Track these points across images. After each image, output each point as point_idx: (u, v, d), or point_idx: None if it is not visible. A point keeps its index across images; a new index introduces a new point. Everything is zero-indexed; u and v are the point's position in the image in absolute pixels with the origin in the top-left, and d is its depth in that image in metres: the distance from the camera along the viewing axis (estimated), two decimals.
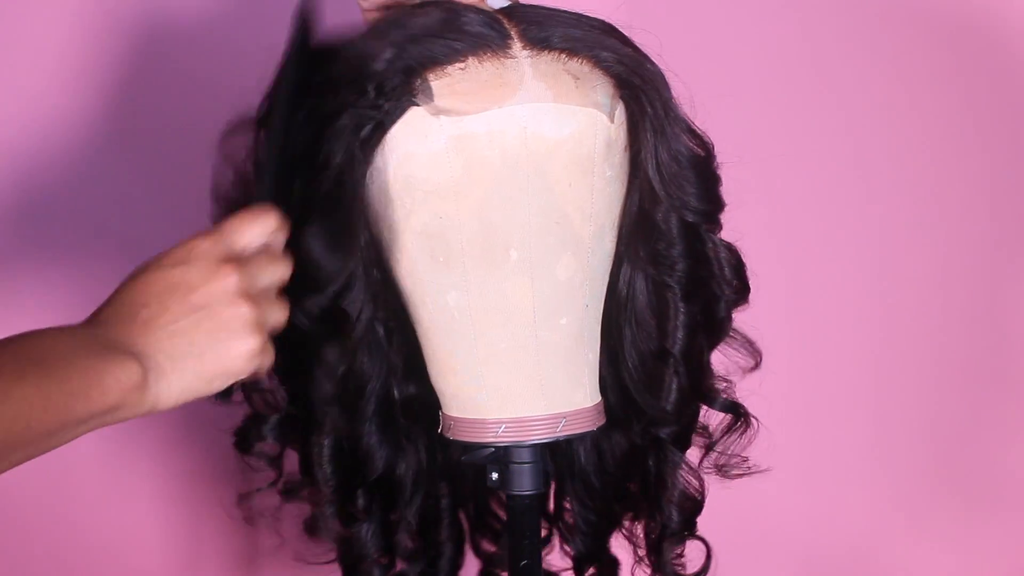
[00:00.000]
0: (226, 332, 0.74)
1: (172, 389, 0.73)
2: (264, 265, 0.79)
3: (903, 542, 1.42)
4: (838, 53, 1.35)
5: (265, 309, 0.78)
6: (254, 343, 0.76)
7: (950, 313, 1.38)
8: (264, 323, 0.77)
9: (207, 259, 0.75)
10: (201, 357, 0.74)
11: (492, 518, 1.15)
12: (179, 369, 0.73)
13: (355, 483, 1.00)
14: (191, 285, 0.74)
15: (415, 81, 0.86)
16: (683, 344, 0.96)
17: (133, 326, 0.72)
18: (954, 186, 1.37)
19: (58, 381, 0.67)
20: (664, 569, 1.04)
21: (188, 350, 0.73)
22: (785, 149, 1.34)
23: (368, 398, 0.97)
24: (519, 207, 0.87)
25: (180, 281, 0.74)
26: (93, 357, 0.69)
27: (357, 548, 1.03)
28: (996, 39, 1.34)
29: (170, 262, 0.75)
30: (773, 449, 1.04)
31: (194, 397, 0.75)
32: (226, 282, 0.75)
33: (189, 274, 0.74)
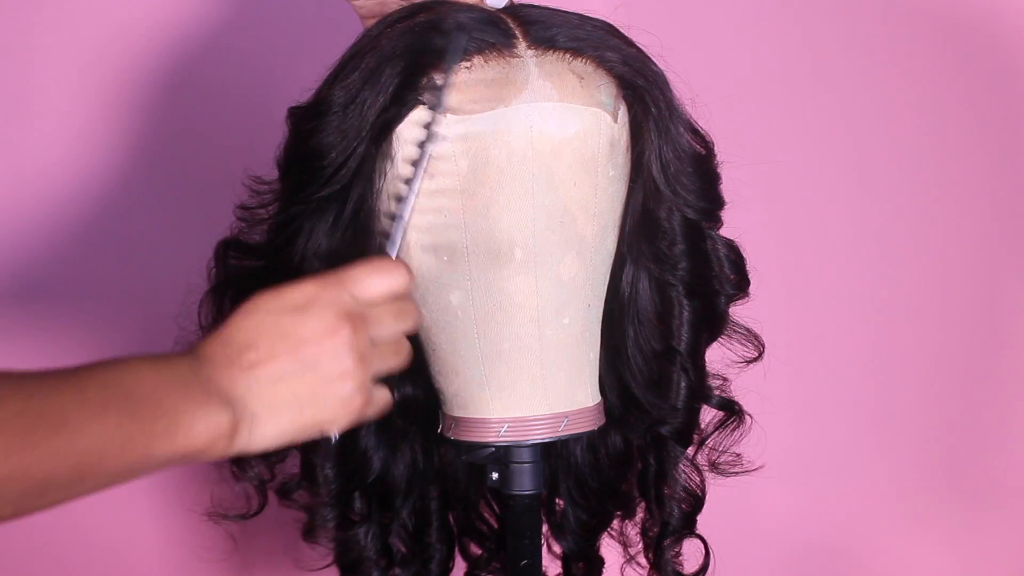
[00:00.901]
0: (329, 390, 0.72)
1: (265, 437, 0.71)
2: (385, 320, 0.76)
3: (901, 540, 1.42)
4: (837, 52, 1.36)
5: (376, 363, 0.75)
6: (356, 402, 0.73)
7: (949, 311, 1.40)
8: (368, 382, 0.74)
9: (325, 312, 0.71)
10: (300, 411, 0.71)
11: (479, 521, 1.15)
12: (274, 420, 0.70)
13: (352, 485, 0.99)
14: (303, 337, 0.70)
15: (421, 80, 0.86)
16: (689, 342, 0.97)
17: (235, 369, 0.69)
18: (953, 184, 1.38)
19: (142, 421, 0.64)
20: (664, 568, 1.04)
21: (288, 402, 0.70)
22: (784, 148, 1.35)
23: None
24: (524, 206, 0.87)
25: (293, 330, 0.70)
26: (185, 399, 0.66)
27: (356, 550, 1.03)
28: (996, 39, 1.35)
29: (286, 306, 0.71)
30: (771, 447, 1.05)
31: (286, 443, 0.72)
32: (338, 339, 0.71)
33: (304, 326, 0.71)
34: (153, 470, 0.66)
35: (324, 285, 0.73)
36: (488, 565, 1.15)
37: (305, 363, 0.70)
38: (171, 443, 0.65)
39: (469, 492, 1.11)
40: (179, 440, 0.65)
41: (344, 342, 0.71)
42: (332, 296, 0.72)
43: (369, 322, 0.74)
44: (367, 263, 0.75)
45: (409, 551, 1.09)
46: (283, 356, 0.70)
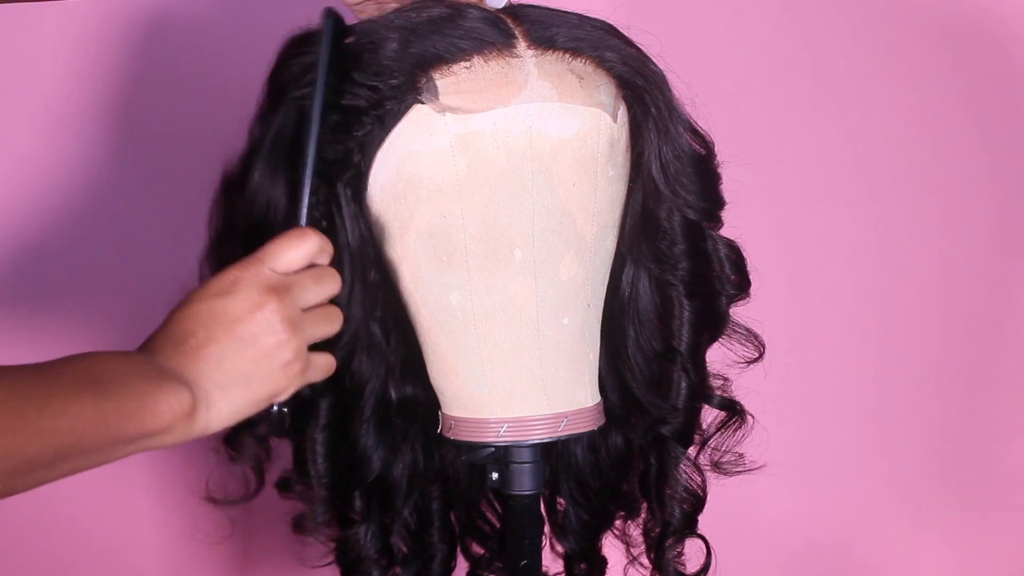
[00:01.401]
0: (269, 360, 0.78)
1: (222, 414, 0.76)
2: (307, 285, 0.81)
3: (902, 539, 1.42)
4: (837, 52, 1.35)
5: (309, 329, 0.81)
6: (296, 367, 0.79)
7: (950, 311, 1.39)
8: (304, 346, 0.80)
9: (248, 289, 0.78)
10: (248, 384, 0.77)
11: (481, 520, 1.15)
12: (228, 396, 0.76)
13: (352, 484, 1.00)
14: (235, 316, 0.77)
15: (420, 79, 0.86)
16: (689, 342, 0.97)
17: (183, 355, 0.75)
18: (953, 184, 1.38)
19: (113, 401, 0.70)
20: (665, 568, 1.04)
21: (235, 378, 0.76)
22: (785, 147, 1.34)
23: (367, 399, 0.97)
24: (523, 206, 0.87)
25: (224, 311, 0.77)
26: (148, 382, 0.72)
27: (355, 549, 1.03)
28: (995, 39, 1.35)
29: (214, 292, 0.78)
30: (772, 447, 1.05)
31: (242, 418, 0.78)
32: (267, 311, 0.77)
33: (233, 304, 0.77)
34: (125, 452, 0.71)
35: (244, 266, 0.79)
36: (490, 565, 1.15)
37: (242, 339, 0.76)
38: (140, 422, 0.71)
39: (471, 491, 1.11)
40: (147, 419, 0.71)
41: (273, 313, 0.77)
42: (253, 274, 0.78)
43: (293, 290, 0.80)
44: (279, 236, 0.81)
45: (411, 551, 1.09)
46: (221, 336, 0.76)
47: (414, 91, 0.86)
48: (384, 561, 1.05)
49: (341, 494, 1.00)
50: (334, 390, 0.94)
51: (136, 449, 0.72)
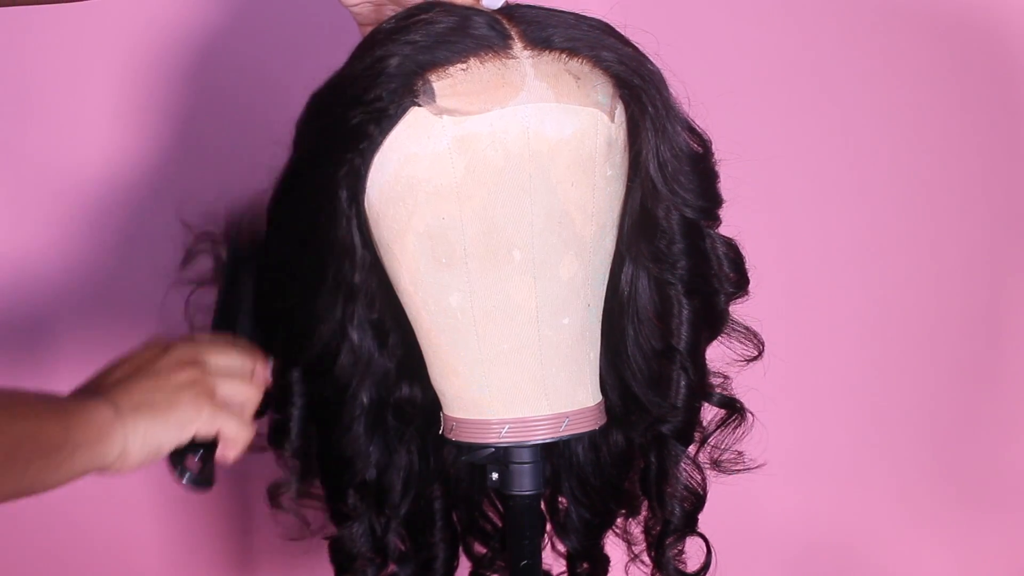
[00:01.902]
0: (172, 386, 0.87)
1: (138, 430, 0.83)
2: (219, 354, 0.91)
3: (902, 538, 1.42)
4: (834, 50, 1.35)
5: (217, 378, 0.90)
6: (200, 399, 0.88)
7: (949, 310, 1.39)
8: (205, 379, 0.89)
9: (162, 343, 0.90)
10: (154, 405, 0.85)
11: (483, 520, 1.15)
12: (139, 413, 0.84)
13: (344, 482, 1.00)
14: (145, 357, 0.88)
15: (417, 83, 0.86)
16: (688, 340, 0.97)
17: (100, 387, 0.86)
18: (952, 183, 1.38)
19: (54, 408, 0.80)
20: (666, 566, 1.04)
21: (143, 399, 0.85)
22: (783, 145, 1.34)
23: (351, 399, 0.97)
24: (522, 207, 0.87)
25: (137, 356, 0.89)
26: (77, 399, 0.83)
27: (348, 547, 1.03)
28: (994, 39, 1.35)
29: (147, 349, 0.89)
30: (771, 445, 1.05)
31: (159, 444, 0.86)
32: (174, 353, 0.89)
33: (145, 352, 0.89)
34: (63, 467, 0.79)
35: (186, 341, 0.92)
36: (492, 564, 1.15)
37: (149, 372, 0.87)
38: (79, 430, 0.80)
39: (472, 491, 1.12)
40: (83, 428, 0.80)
41: (177, 354, 0.89)
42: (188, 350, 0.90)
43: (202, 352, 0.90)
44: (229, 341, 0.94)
45: (410, 550, 1.09)
46: (132, 372, 0.87)
47: (411, 94, 0.86)
48: (378, 560, 1.05)
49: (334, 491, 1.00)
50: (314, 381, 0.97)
51: (81, 463, 0.80)
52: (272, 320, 0.96)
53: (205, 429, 0.88)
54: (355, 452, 0.99)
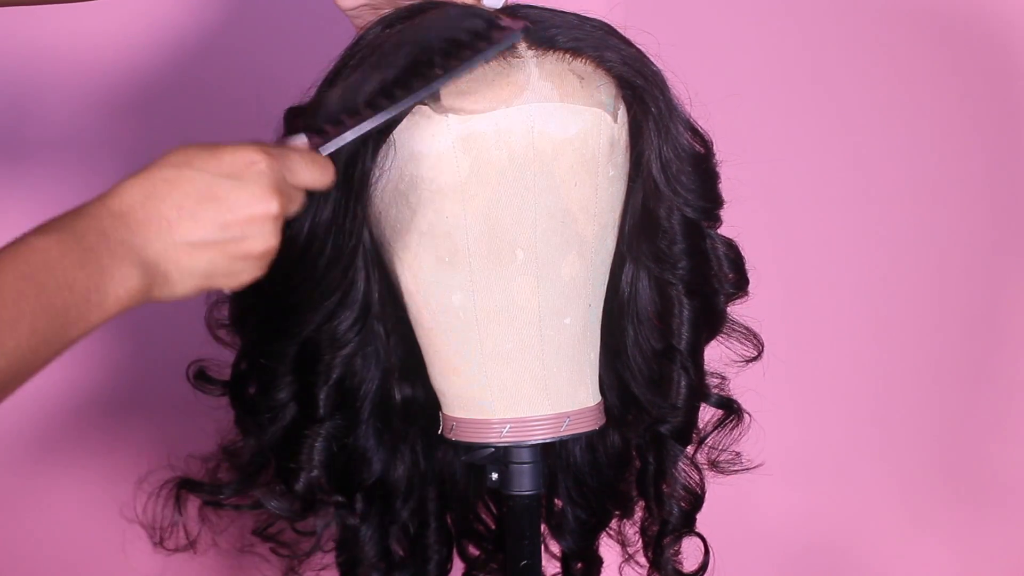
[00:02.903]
0: (245, 264, 0.72)
1: (173, 294, 0.70)
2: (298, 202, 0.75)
3: (901, 538, 1.43)
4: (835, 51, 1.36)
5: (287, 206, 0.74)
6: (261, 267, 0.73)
7: (949, 310, 1.40)
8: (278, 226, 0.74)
9: (261, 182, 0.70)
10: (210, 278, 0.70)
11: (477, 522, 1.15)
12: (183, 283, 0.69)
13: (353, 486, 0.99)
14: (233, 206, 0.69)
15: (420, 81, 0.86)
16: (689, 340, 0.97)
17: (152, 228, 0.67)
18: (952, 183, 1.38)
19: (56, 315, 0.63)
20: (664, 566, 1.04)
21: (203, 269, 0.69)
22: (783, 146, 1.35)
23: (364, 400, 0.97)
24: (526, 207, 0.87)
25: (224, 198, 0.69)
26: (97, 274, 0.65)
27: (355, 551, 1.02)
28: (994, 39, 1.36)
29: (221, 170, 0.69)
30: (770, 445, 1.05)
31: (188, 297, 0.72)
32: (268, 215, 0.70)
33: (237, 193, 0.69)
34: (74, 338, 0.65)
35: (266, 155, 0.71)
36: (486, 566, 1.15)
37: (230, 234, 0.69)
38: (85, 321, 0.64)
39: (467, 493, 1.11)
40: (92, 315, 0.65)
41: (272, 220, 0.71)
42: (270, 168, 0.71)
43: (293, 198, 0.74)
44: (306, 152, 0.75)
45: (407, 553, 1.09)
46: (208, 223, 0.68)
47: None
48: (383, 564, 1.05)
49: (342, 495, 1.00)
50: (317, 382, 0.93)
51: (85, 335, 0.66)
52: (272, 320, 0.95)
53: None
54: (364, 455, 0.98)
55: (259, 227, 0.70)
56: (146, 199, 0.67)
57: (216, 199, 0.68)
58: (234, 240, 0.69)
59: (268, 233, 0.71)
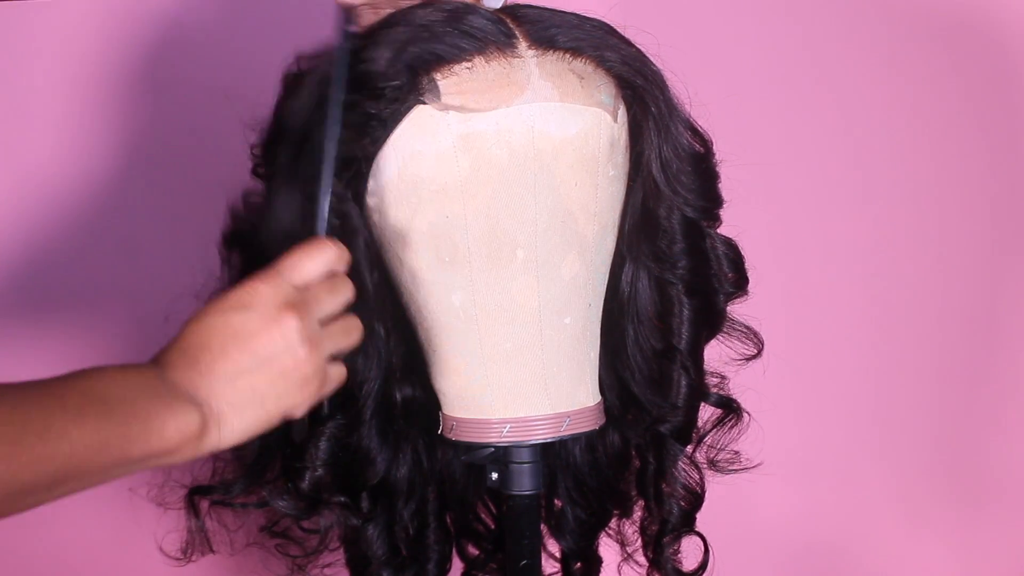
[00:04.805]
0: (286, 380, 0.75)
1: (233, 433, 0.74)
2: (324, 298, 0.79)
3: (900, 538, 1.43)
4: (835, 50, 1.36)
5: (327, 344, 0.79)
6: (314, 386, 0.77)
7: (949, 310, 1.40)
8: (323, 364, 0.78)
9: (267, 304, 0.75)
10: (262, 404, 0.75)
11: (477, 521, 1.15)
12: (240, 416, 0.74)
13: (358, 486, 0.99)
14: (251, 332, 0.74)
15: (422, 80, 0.86)
16: (689, 340, 0.98)
17: (195, 372, 0.72)
18: (952, 183, 1.38)
19: (117, 424, 0.67)
20: (663, 565, 1.05)
21: (250, 397, 0.74)
22: (783, 146, 1.35)
23: (367, 400, 0.97)
24: (526, 206, 0.87)
25: (241, 328, 0.74)
26: (155, 402, 0.70)
27: (365, 550, 1.02)
28: (994, 39, 1.36)
29: (231, 305, 0.74)
30: (769, 445, 1.05)
31: (254, 435, 0.76)
32: (286, 328, 0.75)
33: (250, 321, 0.74)
34: (129, 471, 0.69)
35: (263, 279, 0.76)
36: (485, 565, 1.15)
37: (259, 357, 0.74)
38: (146, 444, 0.68)
39: (467, 493, 1.11)
40: (153, 441, 0.68)
41: (293, 330, 0.75)
42: (272, 288, 0.75)
43: (311, 305, 0.77)
44: (298, 248, 0.79)
45: (408, 553, 1.09)
46: (236, 353, 0.73)
47: (416, 91, 0.86)
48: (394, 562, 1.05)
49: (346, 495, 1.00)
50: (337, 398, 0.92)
51: (141, 467, 0.70)
52: None
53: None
54: (368, 455, 0.98)
55: (282, 343, 0.74)
56: (183, 352, 0.73)
57: (236, 332, 0.73)
58: (265, 362, 0.74)
59: (295, 345, 0.75)
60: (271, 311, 0.75)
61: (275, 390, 0.75)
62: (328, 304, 0.79)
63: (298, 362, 0.75)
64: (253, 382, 0.74)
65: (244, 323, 0.74)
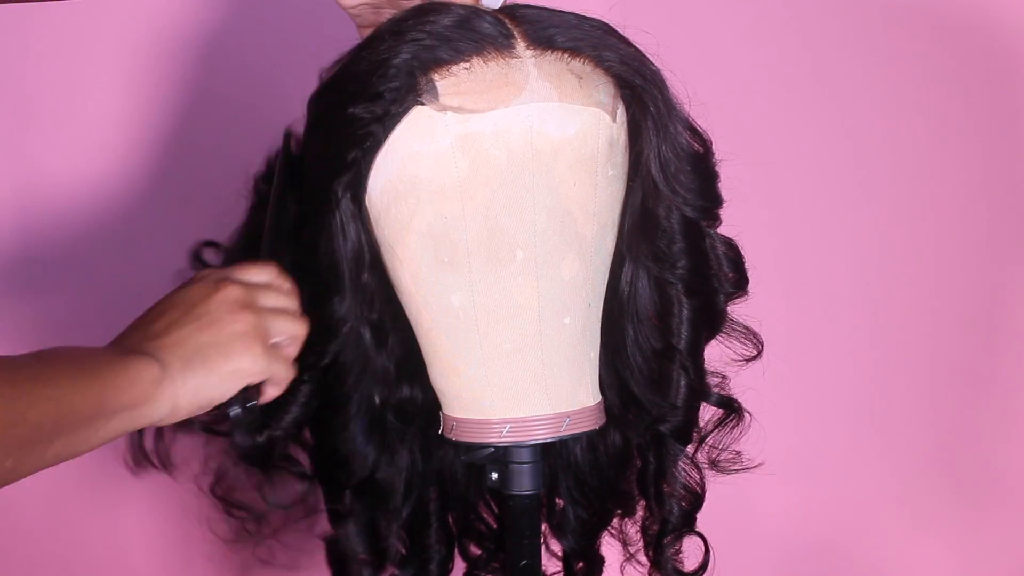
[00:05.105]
0: (226, 335, 0.82)
1: (187, 386, 0.79)
2: (268, 291, 0.87)
3: (901, 538, 1.43)
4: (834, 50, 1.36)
5: (267, 316, 0.85)
6: (253, 342, 0.83)
7: (948, 310, 1.40)
8: (261, 325, 0.84)
9: (209, 279, 0.85)
10: (206, 357, 0.80)
11: (479, 521, 1.15)
12: (190, 367, 0.80)
13: (340, 483, 0.99)
14: (193, 300, 0.83)
15: (420, 81, 0.86)
16: (688, 339, 0.98)
17: (146, 337, 0.81)
18: (952, 183, 1.38)
19: (90, 373, 0.74)
20: (664, 565, 1.05)
21: (195, 350, 0.80)
22: (782, 145, 1.35)
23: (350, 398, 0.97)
24: (525, 207, 0.87)
25: (184, 297, 0.83)
26: (118, 357, 0.77)
27: (344, 547, 1.03)
28: (994, 40, 1.36)
29: (181, 285, 0.85)
30: (770, 445, 1.05)
31: (210, 399, 0.81)
32: (225, 293, 0.83)
33: (192, 291, 0.84)
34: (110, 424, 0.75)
35: (209, 270, 0.87)
36: (487, 565, 1.16)
37: (199, 316, 0.82)
38: (117, 390, 0.75)
39: (468, 493, 1.12)
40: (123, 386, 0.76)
41: (228, 293, 0.83)
42: (216, 271, 0.86)
43: (251, 288, 0.86)
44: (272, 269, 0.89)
45: (408, 552, 1.09)
46: (179, 317, 0.82)
47: (414, 92, 0.86)
48: (375, 561, 1.05)
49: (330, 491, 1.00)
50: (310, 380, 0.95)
51: (121, 425, 0.76)
52: None
53: (258, 378, 0.84)
54: (352, 452, 0.99)
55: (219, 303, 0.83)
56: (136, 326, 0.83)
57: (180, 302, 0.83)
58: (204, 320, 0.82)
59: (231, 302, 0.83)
60: (210, 283, 0.84)
61: (216, 341, 0.81)
62: (269, 297, 0.87)
63: (236, 319, 0.82)
64: (196, 338, 0.81)
65: (186, 293, 0.84)
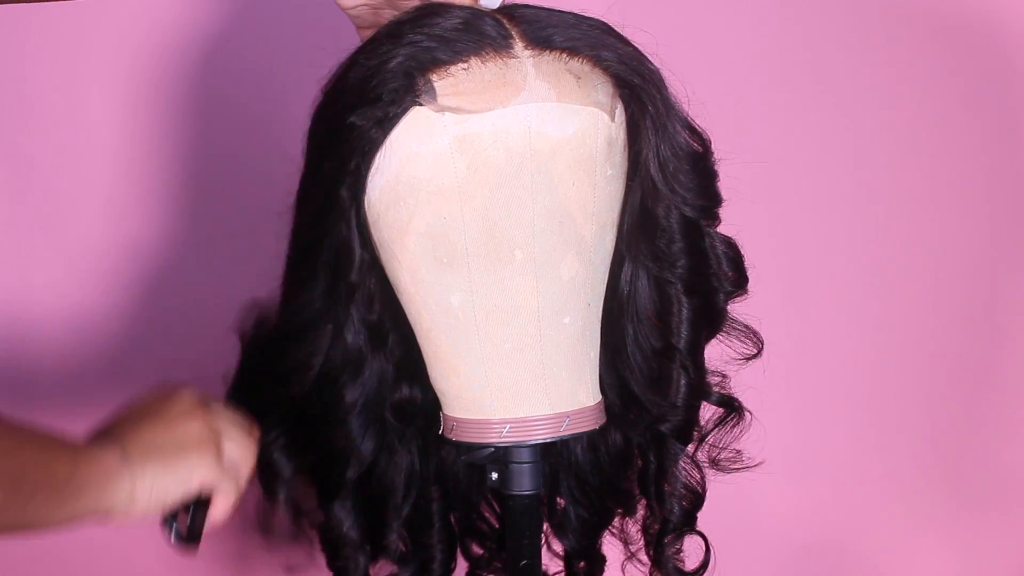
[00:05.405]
0: (179, 433, 0.87)
1: (146, 477, 0.83)
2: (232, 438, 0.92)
3: (901, 537, 1.43)
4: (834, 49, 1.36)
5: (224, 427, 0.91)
6: (206, 445, 0.88)
7: (948, 309, 1.40)
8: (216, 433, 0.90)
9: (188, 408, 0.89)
10: (164, 452, 0.85)
11: (480, 521, 1.15)
12: (149, 461, 0.84)
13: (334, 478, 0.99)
14: (166, 415, 0.88)
15: (418, 82, 0.86)
16: (688, 339, 0.97)
17: (112, 429, 0.86)
18: (951, 182, 1.38)
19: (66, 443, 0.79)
20: (665, 565, 1.05)
21: (153, 445, 0.85)
22: (782, 144, 1.35)
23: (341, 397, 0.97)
24: (524, 207, 0.87)
25: (159, 410, 0.88)
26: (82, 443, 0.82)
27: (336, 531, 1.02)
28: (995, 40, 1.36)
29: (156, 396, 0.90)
30: (771, 444, 1.05)
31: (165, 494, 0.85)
32: (183, 402, 0.89)
33: (169, 409, 0.89)
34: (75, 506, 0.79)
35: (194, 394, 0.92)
36: (489, 565, 1.16)
37: (159, 418, 0.88)
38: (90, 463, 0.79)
39: (470, 492, 1.12)
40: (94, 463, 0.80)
41: (187, 402, 0.90)
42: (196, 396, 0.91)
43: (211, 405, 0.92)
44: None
45: (410, 551, 1.09)
46: (143, 417, 0.87)
47: (412, 93, 0.86)
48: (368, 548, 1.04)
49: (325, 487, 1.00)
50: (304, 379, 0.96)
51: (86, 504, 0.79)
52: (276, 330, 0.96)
53: (208, 483, 0.88)
54: (345, 450, 0.98)
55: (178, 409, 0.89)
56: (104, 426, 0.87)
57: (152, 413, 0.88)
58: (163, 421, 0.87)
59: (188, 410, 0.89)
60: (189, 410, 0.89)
61: (172, 441, 0.86)
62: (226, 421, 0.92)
63: (191, 422, 0.88)
64: (155, 436, 0.86)
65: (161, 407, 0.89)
